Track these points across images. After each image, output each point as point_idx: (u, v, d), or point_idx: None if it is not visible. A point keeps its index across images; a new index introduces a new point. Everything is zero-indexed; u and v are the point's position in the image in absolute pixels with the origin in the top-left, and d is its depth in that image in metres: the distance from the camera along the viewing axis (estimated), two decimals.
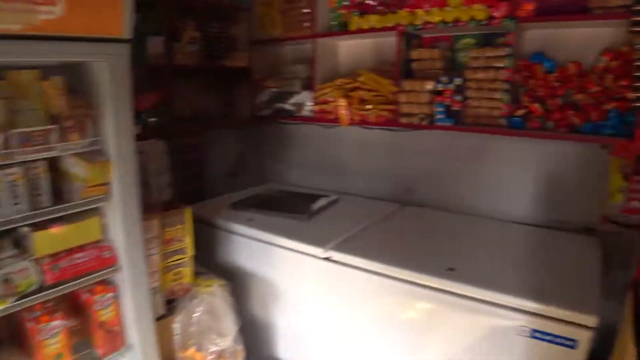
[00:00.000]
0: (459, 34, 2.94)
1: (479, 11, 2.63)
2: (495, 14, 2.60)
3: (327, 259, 2.44)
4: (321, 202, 3.03)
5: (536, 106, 2.67)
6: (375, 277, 2.29)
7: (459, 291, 2.07)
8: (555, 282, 2.08)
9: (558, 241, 2.63)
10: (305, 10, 3.30)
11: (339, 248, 2.46)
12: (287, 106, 3.50)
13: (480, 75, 2.74)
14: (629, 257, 2.55)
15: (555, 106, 2.65)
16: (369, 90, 3.06)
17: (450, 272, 2.16)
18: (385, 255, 2.34)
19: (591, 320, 1.79)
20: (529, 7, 2.54)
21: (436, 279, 2.14)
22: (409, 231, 2.77)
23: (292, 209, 2.94)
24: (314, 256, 2.48)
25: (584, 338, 1.80)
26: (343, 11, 3.18)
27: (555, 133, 2.65)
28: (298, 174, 3.78)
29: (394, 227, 2.82)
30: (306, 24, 3.31)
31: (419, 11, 2.84)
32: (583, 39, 2.66)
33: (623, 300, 2.47)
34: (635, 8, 2.29)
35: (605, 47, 2.60)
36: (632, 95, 2.45)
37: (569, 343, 1.83)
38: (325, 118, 3.29)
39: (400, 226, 2.84)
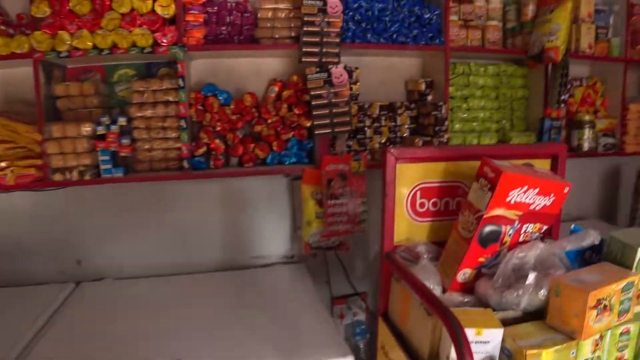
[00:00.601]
0: (115, 63, 2.41)
1: (142, 36, 2.18)
2: (162, 41, 2.19)
3: None
4: None
5: (217, 142, 2.38)
6: None
7: None
8: (295, 332, 1.87)
9: (269, 279, 2.48)
10: None
11: None
12: None
13: (148, 112, 2.28)
14: (327, 274, 2.69)
15: (237, 140, 2.42)
16: (1, 142, 2.22)
17: None
18: None
19: None
20: (198, 35, 2.25)
21: None
22: (104, 318, 2.02)
23: None
24: None
25: None
26: None
27: (240, 169, 2.42)
28: None
29: (78, 317, 2.01)
30: None
31: (63, 34, 2.17)
32: (252, 69, 2.53)
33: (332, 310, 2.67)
34: (306, 40, 2.25)
35: (274, 77, 2.52)
36: (307, 123, 2.42)
37: None
38: None
39: (87, 313, 2.06)
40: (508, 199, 1.46)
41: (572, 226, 1.58)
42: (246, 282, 2.42)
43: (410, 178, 1.66)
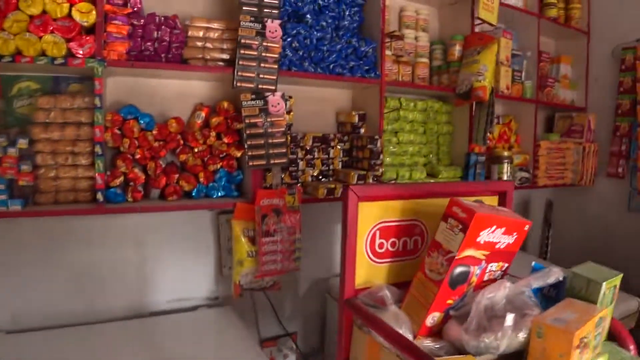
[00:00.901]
0: (15, 74, 2.05)
1: (54, 45, 1.85)
2: (78, 52, 1.89)
3: None
4: None
5: (136, 172, 2.10)
6: None
7: None
8: None
9: (192, 325, 2.20)
10: None
11: None
12: None
13: (56, 134, 1.96)
14: (255, 315, 2.52)
15: (159, 170, 2.16)
16: None
17: None
18: None
19: None
20: (121, 49, 1.98)
21: None
22: None
23: None
24: None
25: None
26: None
27: (163, 203, 2.15)
28: None
29: None
30: None
31: None
32: (177, 92, 2.31)
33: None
34: (242, 64, 2.10)
35: (200, 102, 2.32)
36: (238, 153, 2.24)
37: None
38: None
39: None
40: (478, 239, 1.41)
41: (533, 264, 1.58)
42: (165, 329, 2.14)
43: (370, 217, 1.55)
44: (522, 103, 3.11)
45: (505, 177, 2.85)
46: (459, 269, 1.41)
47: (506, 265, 1.56)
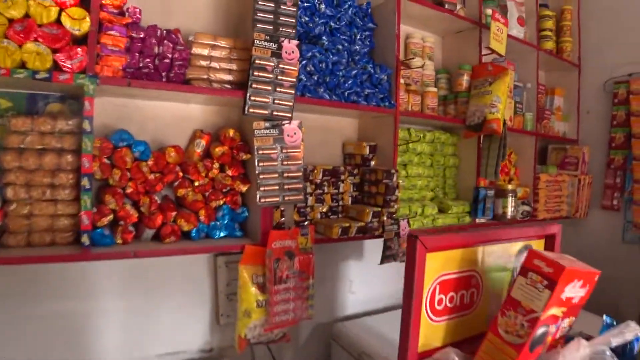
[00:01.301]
0: None
1: (37, 55, 1.53)
2: (66, 66, 1.57)
3: None
4: None
5: (128, 209, 1.79)
6: None
7: None
8: None
9: None
10: None
11: None
12: None
13: (32, 161, 1.63)
14: None
15: (154, 207, 1.85)
16: None
17: None
18: None
19: None
20: (117, 64, 1.67)
21: None
22: None
23: None
24: None
25: None
26: None
27: (159, 246, 1.83)
28: None
29: None
30: None
31: None
32: (173, 116, 2.03)
33: None
34: (256, 87, 1.85)
35: (200, 129, 2.03)
36: (244, 187, 1.98)
37: None
38: None
39: None
40: (562, 296, 1.24)
41: (605, 318, 1.43)
42: None
43: (432, 271, 1.35)
44: (522, 135, 3.03)
45: (509, 211, 2.73)
46: (541, 330, 1.23)
47: (574, 319, 1.40)
